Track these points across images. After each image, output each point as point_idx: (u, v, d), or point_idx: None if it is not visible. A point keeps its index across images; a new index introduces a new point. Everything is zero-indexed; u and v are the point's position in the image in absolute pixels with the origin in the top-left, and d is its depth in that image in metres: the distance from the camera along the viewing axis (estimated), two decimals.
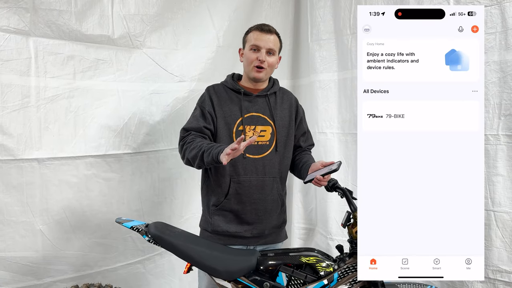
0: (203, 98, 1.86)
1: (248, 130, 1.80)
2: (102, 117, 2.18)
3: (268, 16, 2.76)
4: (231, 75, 1.94)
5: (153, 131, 2.35)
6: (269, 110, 1.86)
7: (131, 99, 2.27)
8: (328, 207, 2.58)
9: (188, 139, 1.73)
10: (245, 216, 1.81)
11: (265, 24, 1.85)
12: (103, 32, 2.16)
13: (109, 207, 2.23)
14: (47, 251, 2.07)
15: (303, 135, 2.01)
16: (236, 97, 1.84)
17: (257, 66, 1.78)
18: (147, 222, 1.69)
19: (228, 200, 1.80)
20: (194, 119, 1.80)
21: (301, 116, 2.01)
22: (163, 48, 2.37)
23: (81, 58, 2.11)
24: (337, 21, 2.62)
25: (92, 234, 2.19)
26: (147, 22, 2.30)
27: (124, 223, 1.65)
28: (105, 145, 2.19)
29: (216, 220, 1.82)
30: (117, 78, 2.23)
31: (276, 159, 1.84)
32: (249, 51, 1.80)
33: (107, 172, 2.21)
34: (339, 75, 2.63)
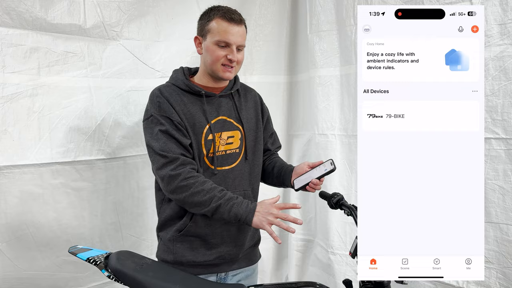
0: (159, 105, 1.47)
1: (216, 138, 1.52)
2: (71, 118, 1.92)
3: (263, 4, 2.50)
4: (181, 71, 1.59)
5: (131, 133, 2.09)
6: (235, 112, 1.58)
7: (105, 97, 2.01)
8: (329, 217, 2.32)
9: (186, 173, 1.39)
10: (214, 240, 1.52)
11: (231, 10, 1.52)
12: (73, 21, 1.89)
13: (80, 220, 1.97)
14: (7, 272, 1.81)
15: (271, 136, 1.76)
16: (196, 100, 1.52)
17: (225, 64, 1.48)
18: (109, 251, 1.40)
19: (194, 223, 1.49)
20: (169, 137, 1.43)
21: (267, 114, 1.74)
22: (143, 40, 2.11)
23: (47, 51, 1.85)
24: (339, 10, 2.35)
25: (60, 252, 1.92)
26: (124, 10, 2.03)
27: (78, 254, 1.38)
28: (75, 150, 1.93)
29: (179, 248, 1.51)
30: (89, 74, 1.96)
31: (246, 169, 1.57)
32: (215, 46, 1.48)
33: (77, 181, 1.95)
34: (341, 70, 2.36)
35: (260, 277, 2.65)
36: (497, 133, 1.69)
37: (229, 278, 1.59)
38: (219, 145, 1.52)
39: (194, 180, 1.38)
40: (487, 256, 1.74)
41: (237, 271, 1.60)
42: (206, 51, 1.52)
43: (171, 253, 1.52)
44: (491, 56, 1.68)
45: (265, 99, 2.55)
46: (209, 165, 1.50)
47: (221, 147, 1.52)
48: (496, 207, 1.71)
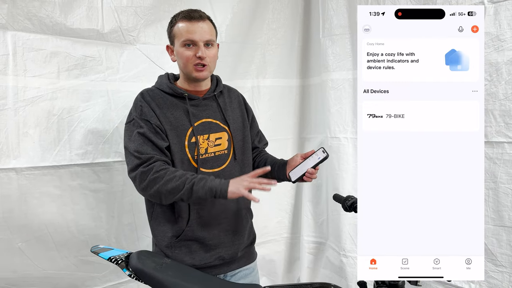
0: (141, 108, 1.48)
1: (202, 141, 1.53)
2: (90, 121, 1.95)
3: (276, 8, 2.52)
4: (166, 76, 1.61)
5: None
6: (221, 113, 1.59)
7: (122, 100, 2.04)
8: (341, 220, 2.34)
9: (157, 166, 1.40)
10: (212, 242, 1.53)
11: (192, 10, 1.52)
12: (92, 26, 1.94)
13: (97, 221, 2.00)
14: (27, 271, 1.85)
15: (257, 134, 1.78)
16: (180, 103, 1.53)
17: (196, 63, 1.49)
18: (129, 251, 1.44)
19: (190, 227, 1.50)
20: (146, 139, 1.43)
21: (252, 113, 1.76)
22: (159, 44, 2.14)
23: (66, 55, 1.89)
24: (352, 14, 2.37)
25: (78, 252, 1.97)
26: (141, 15, 2.07)
27: (100, 253, 1.41)
28: (93, 153, 1.96)
29: (178, 254, 1.51)
30: (107, 78, 2.00)
31: (236, 169, 1.58)
32: (182, 48, 1.48)
33: (95, 183, 1.98)
34: (353, 73, 2.37)
35: (272, 279, 2.67)
36: (510, 137, 1.70)
37: (227, 278, 1.60)
38: (207, 147, 1.52)
39: (165, 170, 1.39)
40: (500, 260, 1.75)
41: (235, 271, 1.61)
42: (177, 56, 1.53)
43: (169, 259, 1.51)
44: (504, 61, 1.69)
45: (277, 102, 2.59)
46: (195, 166, 1.51)
47: (210, 149, 1.53)
48: (509, 211, 1.71)
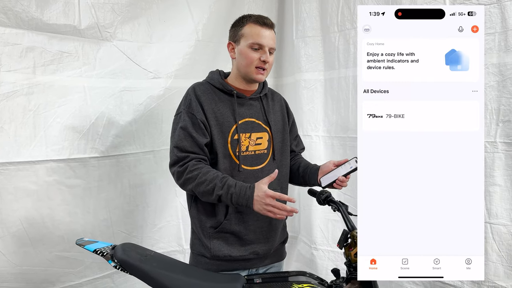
0: (189, 102, 1.56)
1: (243, 139, 1.59)
2: (66, 117, 1.95)
3: (251, 9, 2.58)
4: (217, 72, 1.68)
5: (123, 132, 2.14)
6: (263, 115, 1.66)
7: (99, 96, 2.05)
8: (312, 214, 2.43)
9: (191, 166, 1.47)
10: (248, 237, 1.59)
11: (263, 16, 1.60)
12: (68, 21, 1.93)
13: (73, 217, 2.00)
14: (1, 267, 1.83)
15: (295, 138, 1.84)
16: (227, 100, 1.60)
17: (258, 67, 1.56)
18: (114, 243, 1.47)
19: (228, 220, 1.56)
20: (186, 134, 1.51)
21: (293, 118, 1.83)
22: (136, 41, 2.16)
23: (43, 50, 1.88)
24: (323, 17, 2.47)
25: (53, 247, 1.96)
26: (118, 12, 2.09)
27: (86, 246, 1.43)
28: (69, 148, 1.96)
29: (216, 244, 1.57)
30: (83, 73, 2.00)
31: (274, 169, 1.62)
32: (249, 49, 1.55)
33: (71, 178, 1.98)
34: (325, 74, 2.48)
35: None
36: None
37: (260, 271, 1.65)
38: (248, 145, 1.58)
39: (198, 171, 1.46)
40: None
41: (266, 267, 1.67)
42: (239, 55, 1.59)
43: (208, 249, 1.58)
44: None
45: None
46: (237, 162, 1.57)
47: (250, 147, 1.59)
48: None
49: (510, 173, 1.82)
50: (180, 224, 2.45)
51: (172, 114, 2.26)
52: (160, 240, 2.38)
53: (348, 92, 2.36)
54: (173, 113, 2.27)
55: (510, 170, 1.82)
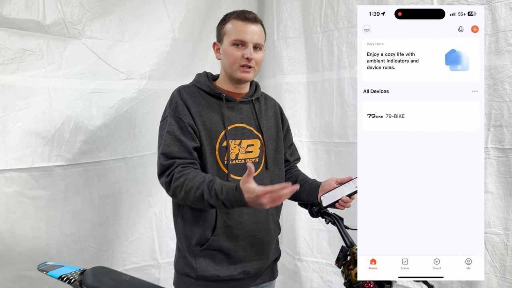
0: (175, 105, 1.44)
1: (233, 146, 1.45)
2: (28, 121, 1.77)
3: (229, 8, 2.40)
4: (204, 74, 1.55)
5: (92, 138, 1.97)
6: (255, 120, 1.53)
7: (65, 99, 1.88)
8: (296, 224, 2.32)
9: (176, 173, 1.34)
10: (238, 254, 1.45)
11: (247, 11, 1.48)
12: (31, 16, 1.76)
13: (36, 232, 1.82)
14: None
15: (290, 147, 1.71)
16: (216, 104, 1.47)
17: (243, 65, 1.44)
18: (82, 267, 1.30)
19: (216, 236, 1.42)
20: (174, 139, 1.39)
21: (287, 124, 1.70)
22: (106, 39, 2.00)
23: (2, 48, 1.71)
24: (306, 18, 2.38)
25: (14, 266, 1.77)
26: (87, 7, 1.92)
27: (49, 272, 1.26)
28: (32, 156, 1.78)
29: (202, 263, 1.43)
30: (48, 74, 1.83)
31: (266, 179, 1.52)
32: (231, 47, 1.43)
33: (34, 189, 1.80)
34: (308, 77, 2.38)
35: None
36: None
37: None
38: (238, 153, 1.46)
39: (184, 178, 1.32)
40: None
41: (258, 286, 1.54)
42: (223, 54, 1.47)
43: (193, 269, 1.43)
44: None
45: None
46: (225, 171, 1.44)
47: (240, 155, 1.47)
48: None
49: (503, 180, 1.76)
50: (154, 236, 2.30)
51: (145, 118, 2.15)
52: (132, 255, 2.22)
53: (332, 96, 2.26)
54: (147, 117, 2.15)
55: (502, 177, 1.76)
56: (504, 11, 1.73)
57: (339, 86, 2.23)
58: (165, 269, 2.34)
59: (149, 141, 2.17)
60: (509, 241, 1.76)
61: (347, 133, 2.21)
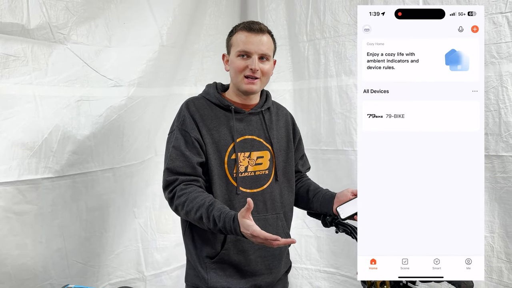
0: (183, 119, 1.43)
1: (242, 158, 1.44)
2: (14, 131, 1.65)
3: (214, 14, 2.44)
4: (214, 85, 1.54)
5: (81, 148, 1.87)
6: (265, 131, 1.51)
7: (52, 107, 1.77)
8: None
9: (178, 191, 1.34)
10: (248, 268, 1.44)
11: (254, 21, 1.48)
12: (15, 20, 1.65)
13: (22, 249, 1.69)
14: None
15: (301, 158, 1.70)
16: (224, 116, 1.46)
17: (248, 76, 1.43)
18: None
19: (226, 250, 1.42)
20: (179, 153, 1.38)
21: (299, 135, 1.69)
22: (93, 44, 1.91)
23: None
24: (291, 26, 2.40)
25: None
26: (73, 11, 1.83)
27: None
28: (18, 169, 1.66)
29: (213, 275, 1.42)
30: (33, 80, 1.72)
31: (277, 191, 1.50)
32: (237, 58, 1.43)
33: (20, 204, 1.68)
34: (294, 85, 2.40)
35: None
36: None
37: None
38: (247, 165, 1.44)
39: (185, 197, 1.32)
40: None
41: None
42: (230, 66, 1.47)
43: (204, 281, 1.42)
44: None
45: None
46: (235, 184, 1.42)
47: (250, 167, 1.45)
48: None
49: (488, 185, 1.87)
50: (139, 248, 2.23)
51: (133, 126, 2.08)
52: (118, 268, 2.13)
53: (319, 103, 2.30)
54: (135, 125, 2.08)
55: (488, 182, 1.86)
56: (488, 24, 1.83)
57: (326, 94, 2.27)
58: (151, 282, 2.27)
59: (136, 150, 2.10)
60: (495, 243, 1.87)
61: (334, 140, 2.25)
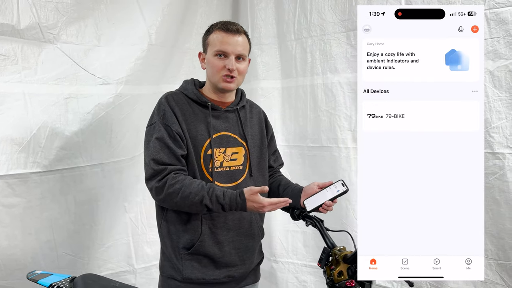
0: (163, 112, 1.45)
1: (217, 154, 1.49)
2: (3, 128, 1.73)
3: (205, 13, 2.48)
4: (192, 82, 1.56)
5: (68, 144, 1.93)
6: (240, 128, 1.56)
7: (41, 104, 1.84)
8: (271, 226, 2.37)
9: (170, 179, 1.37)
10: (223, 260, 1.49)
11: (230, 22, 1.52)
12: (5, 20, 1.72)
13: (11, 240, 1.77)
14: None
15: (274, 153, 1.75)
16: (201, 112, 1.50)
17: (226, 75, 1.47)
18: (71, 275, 1.29)
19: (201, 242, 1.46)
20: (163, 145, 1.41)
21: (271, 132, 1.74)
22: (82, 44, 1.98)
23: None
24: (280, 25, 2.44)
25: None
26: (62, 12, 1.89)
27: (39, 280, 1.25)
28: (7, 163, 1.74)
29: (188, 266, 1.46)
30: (23, 79, 1.79)
31: (250, 185, 1.52)
32: (214, 58, 1.47)
33: (9, 197, 1.75)
34: (282, 83, 2.44)
35: None
36: None
37: None
38: (222, 160, 1.49)
39: (180, 184, 1.36)
40: None
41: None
42: (207, 64, 1.51)
43: (179, 271, 1.46)
44: None
45: None
46: (210, 179, 1.47)
47: (225, 163, 1.50)
48: None
49: None
50: (130, 242, 2.28)
51: (121, 123, 2.13)
52: (108, 261, 2.20)
53: (306, 101, 2.33)
54: (123, 122, 2.14)
55: None
56: None
57: (313, 92, 2.30)
58: (141, 275, 2.33)
59: (125, 146, 2.16)
60: None
61: (320, 137, 2.28)
